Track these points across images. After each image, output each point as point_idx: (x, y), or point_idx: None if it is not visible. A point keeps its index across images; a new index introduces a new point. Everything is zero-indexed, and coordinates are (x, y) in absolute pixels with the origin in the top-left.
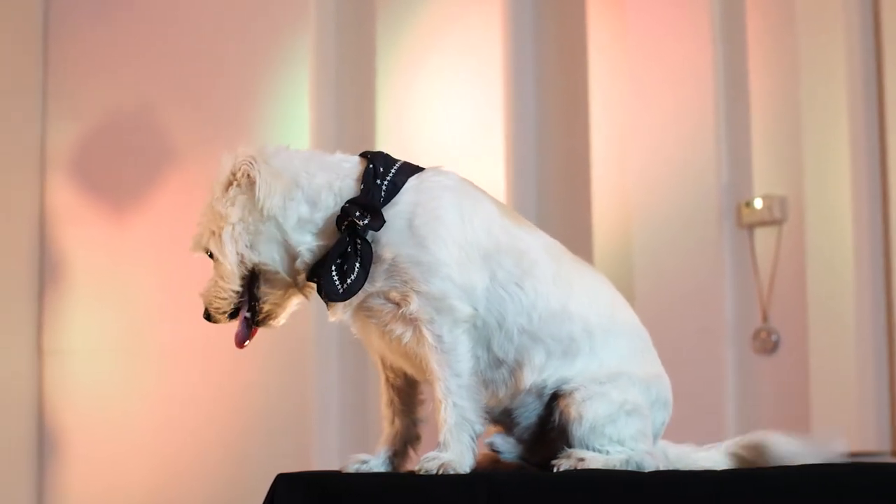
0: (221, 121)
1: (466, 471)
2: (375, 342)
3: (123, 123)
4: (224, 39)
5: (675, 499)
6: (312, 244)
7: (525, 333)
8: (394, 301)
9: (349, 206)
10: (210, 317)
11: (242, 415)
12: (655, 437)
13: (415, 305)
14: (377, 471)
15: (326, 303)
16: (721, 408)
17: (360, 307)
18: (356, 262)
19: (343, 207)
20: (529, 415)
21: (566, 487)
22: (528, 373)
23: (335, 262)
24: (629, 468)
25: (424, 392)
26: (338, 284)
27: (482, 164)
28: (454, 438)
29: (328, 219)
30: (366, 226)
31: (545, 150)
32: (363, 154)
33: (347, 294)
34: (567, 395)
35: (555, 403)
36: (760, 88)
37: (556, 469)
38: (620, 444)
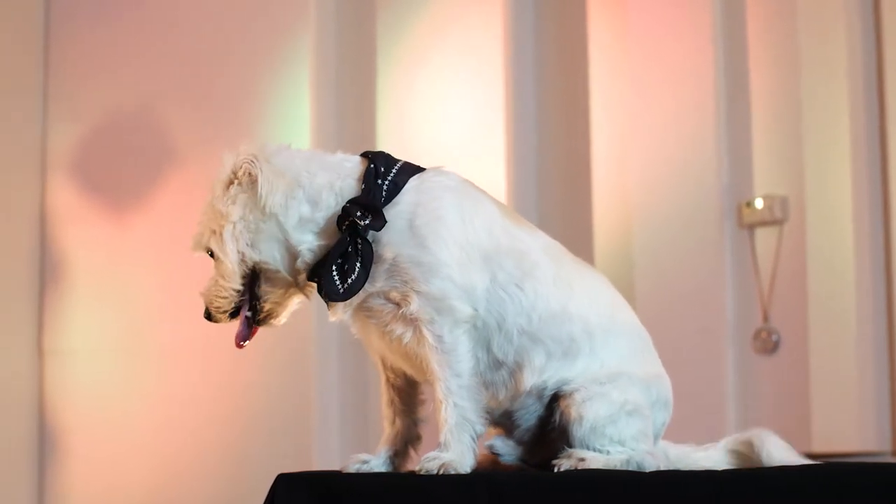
0: (222, 121)
1: (467, 471)
2: (376, 342)
3: (124, 124)
4: (224, 39)
5: (676, 499)
6: (313, 244)
7: (525, 335)
8: (394, 301)
9: (350, 206)
10: (211, 316)
11: (243, 415)
12: (656, 438)
13: (415, 305)
14: (378, 471)
15: (327, 302)
16: (721, 408)
17: (361, 307)
18: (357, 262)
19: (344, 207)
20: (530, 417)
21: (567, 487)
22: (528, 374)
23: (336, 262)
24: (630, 468)
25: (425, 392)
26: (338, 284)
27: (483, 164)
28: (455, 438)
29: (329, 218)
30: (367, 226)
31: (546, 150)
32: (364, 154)
33: (348, 294)
34: (567, 396)
35: (555, 404)
36: (761, 88)
37: (557, 469)
38: (621, 445)
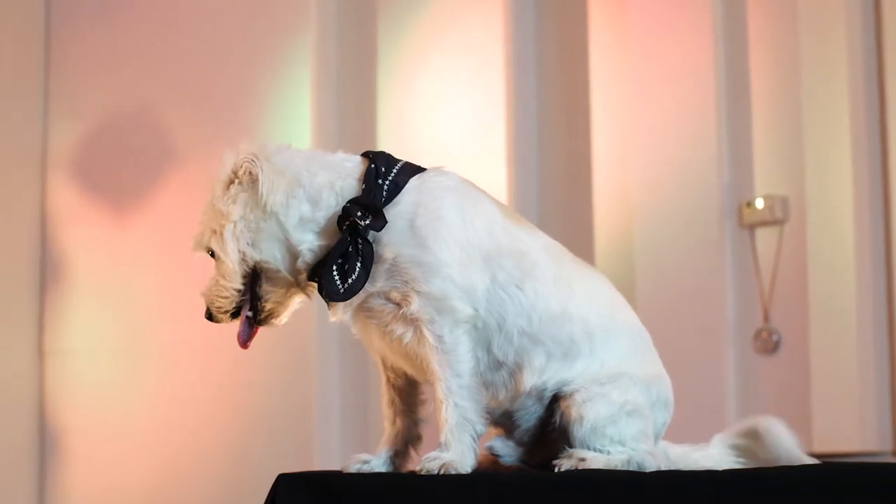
0: (222, 121)
1: (468, 471)
2: (376, 342)
3: (124, 123)
4: (225, 39)
5: (676, 499)
6: (314, 243)
7: (525, 335)
8: (394, 301)
9: (351, 206)
10: (212, 316)
11: (243, 415)
12: (656, 438)
13: (415, 306)
14: (378, 471)
15: (327, 302)
16: (722, 408)
17: (361, 307)
18: (357, 262)
19: (344, 207)
20: (530, 417)
21: (567, 487)
22: (528, 375)
23: (336, 262)
24: (630, 468)
25: (425, 392)
26: (339, 284)
27: (483, 164)
28: (455, 438)
29: (329, 218)
30: (367, 226)
31: (546, 150)
32: (365, 154)
33: (348, 294)
34: (568, 397)
35: (555, 405)
36: (762, 88)
37: (558, 469)
38: (622, 445)
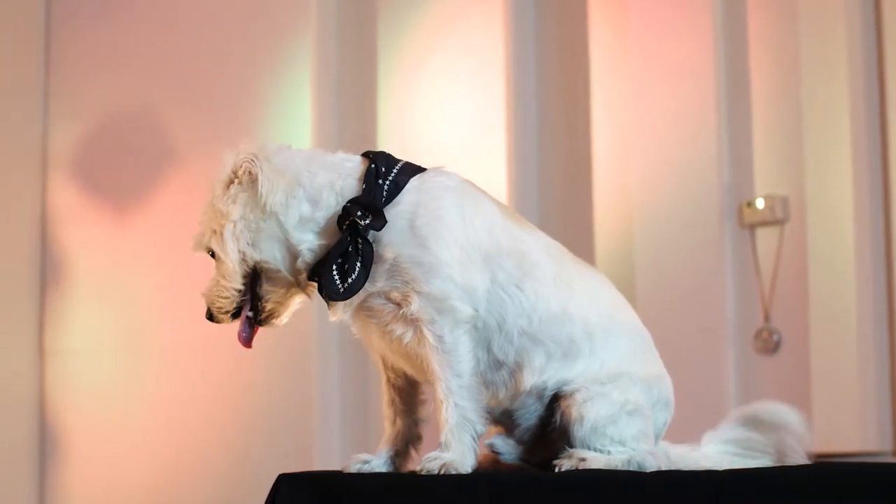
0: (222, 121)
1: (468, 471)
2: (376, 342)
3: (124, 123)
4: (225, 39)
5: (676, 499)
6: (314, 243)
7: (525, 335)
8: (395, 301)
9: (351, 206)
10: (213, 317)
11: (244, 414)
12: (657, 438)
13: (416, 306)
14: (379, 471)
15: (327, 302)
16: (722, 408)
17: (361, 307)
18: (357, 262)
19: (344, 207)
20: (530, 416)
21: (567, 487)
22: (529, 374)
23: (336, 262)
24: (631, 468)
25: (426, 392)
26: (338, 284)
27: (483, 164)
28: (455, 438)
29: (329, 218)
30: (367, 225)
31: (546, 150)
32: (365, 154)
33: (348, 293)
34: (568, 396)
35: (556, 404)
36: (762, 88)
37: (558, 469)
38: (622, 445)
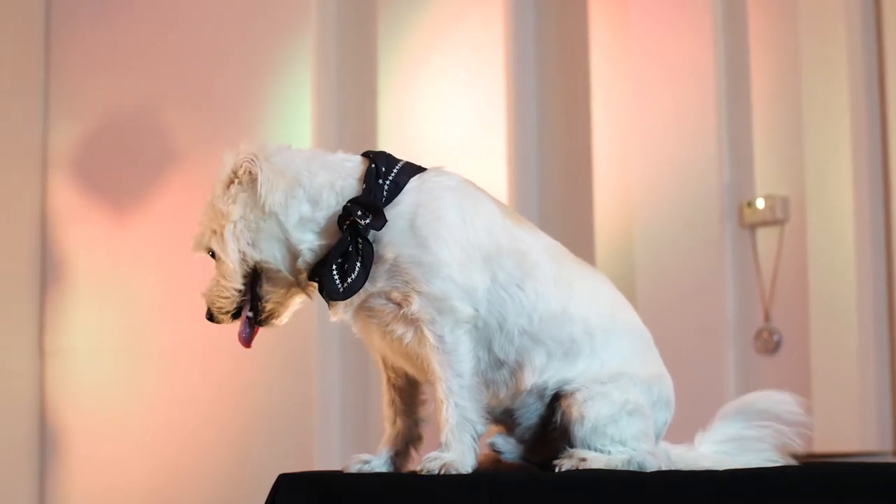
0: (222, 121)
1: (468, 471)
2: (377, 342)
3: (124, 123)
4: (225, 39)
5: (677, 499)
6: (314, 243)
7: (526, 335)
8: (395, 301)
9: (351, 206)
10: (213, 317)
11: (244, 414)
12: (657, 438)
13: (416, 306)
14: (379, 471)
15: (328, 302)
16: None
17: (362, 307)
18: (357, 262)
19: (345, 207)
20: (531, 415)
21: (568, 487)
22: (529, 374)
23: (336, 262)
24: (631, 468)
25: (426, 392)
26: (339, 283)
27: (484, 164)
28: (456, 439)
29: (330, 218)
30: (367, 225)
31: (547, 150)
32: (365, 154)
33: (348, 293)
34: (569, 396)
35: (556, 404)
36: (762, 88)
37: (558, 469)
38: (622, 445)
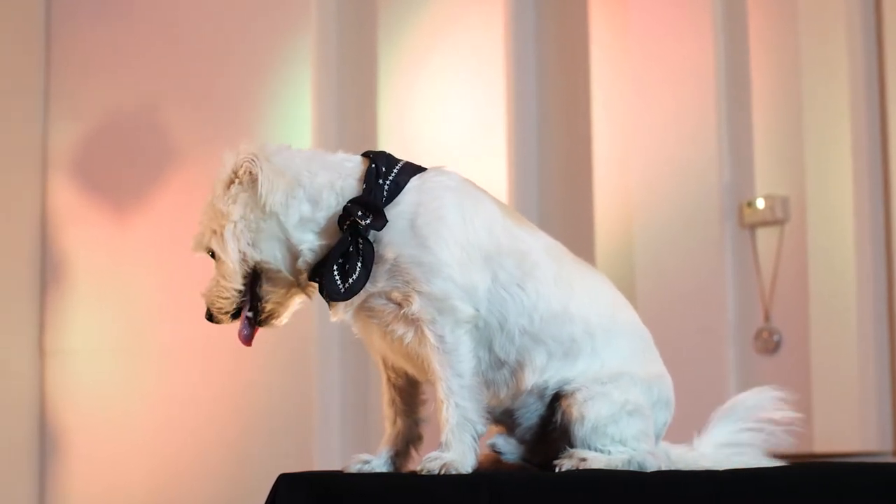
0: (222, 121)
1: (468, 471)
2: (377, 342)
3: (124, 123)
4: (225, 39)
5: (677, 499)
6: (314, 243)
7: (526, 334)
8: (395, 301)
9: (351, 206)
10: (213, 317)
11: (244, 415)
12: (657, 438)
13: (417, 306)
14: (379, 471)
15: (328, 302)
16: None
17: (362, 307)
18: (358, 262)
19: (345, 207)
20: (531, 415)
21: (568, 487)
22: (530, 374)
23: (337, 262)
24: (631, 468)
25: (426, 392)
26: (339, 284)
27: (484, 164)
28: (456, 439)
29: (330, 218)
30: (368, 225)
31: (547, 150)
32: (365, 154)
33: (349, 293)
34: (569, 396)
35: (556, 404)
36: (762, 88)
37: (558, 469)
38: (622, 445)
